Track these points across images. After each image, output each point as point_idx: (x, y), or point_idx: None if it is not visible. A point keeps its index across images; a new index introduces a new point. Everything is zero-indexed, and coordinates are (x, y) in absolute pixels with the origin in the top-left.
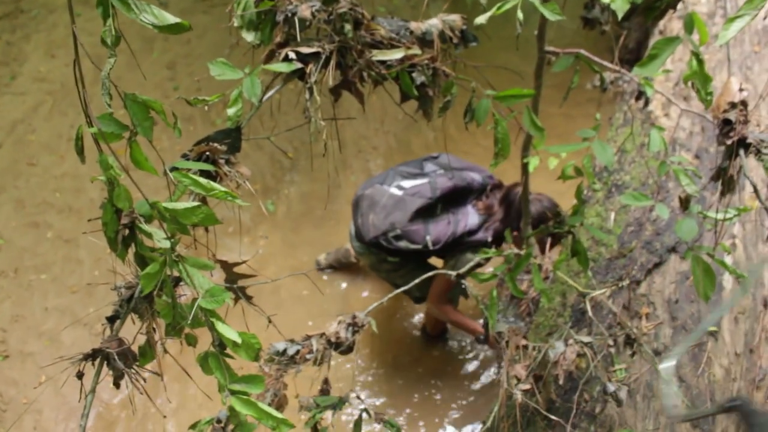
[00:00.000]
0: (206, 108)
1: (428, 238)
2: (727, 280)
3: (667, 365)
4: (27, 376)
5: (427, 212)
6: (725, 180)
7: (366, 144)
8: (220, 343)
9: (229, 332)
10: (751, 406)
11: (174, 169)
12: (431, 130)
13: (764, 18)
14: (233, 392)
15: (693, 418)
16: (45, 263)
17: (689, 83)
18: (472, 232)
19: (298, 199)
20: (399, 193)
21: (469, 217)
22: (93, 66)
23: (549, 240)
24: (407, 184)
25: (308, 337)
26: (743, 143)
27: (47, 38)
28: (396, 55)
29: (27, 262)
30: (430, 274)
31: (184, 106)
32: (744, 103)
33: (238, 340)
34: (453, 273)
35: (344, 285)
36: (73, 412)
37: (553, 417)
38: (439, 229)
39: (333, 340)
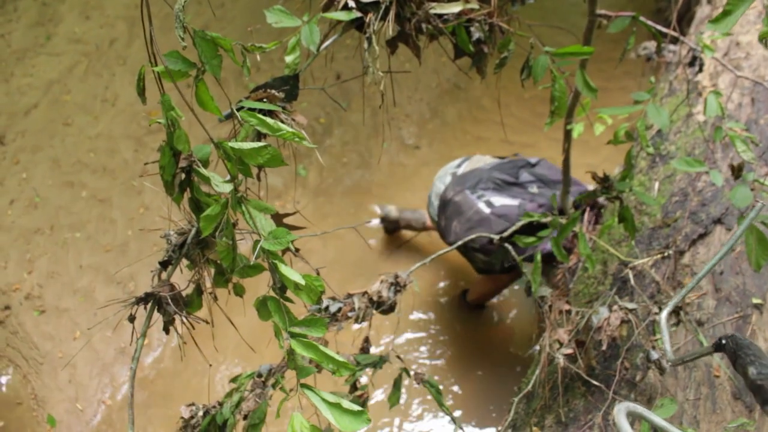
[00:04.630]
0: (258, 57)
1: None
2: None
3: (664, 314)
4: (62, 331)
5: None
6: None
7: (399, 112)
8: (281, 287)
9: (293, 274)
10: (740, 342)
11: (239, 109)
12: (464, 101)
13: None
14: (293, 335)
15: (686, 360)
16: (80, 221)
17: (740, 52)
18: (550, 256)
19: (329, 164)
20: (486, 211)
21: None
22: (127, 28)
23: (588, 211)
24: (497, 200)
25: (350, 296)
26: None
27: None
28: (454, 8)
29: (62, 220)
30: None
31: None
32: None
33: (302, 282)
34: (496, 236)
35: (381, 252)
36: (106, 368)
37: (594, 382)
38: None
39: (375, 299)
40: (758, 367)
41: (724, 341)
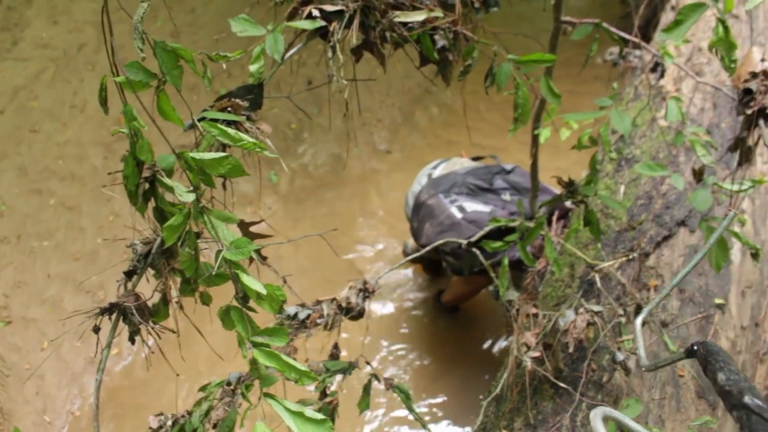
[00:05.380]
0: (224, 66)
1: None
2: (735, 254)
3: (639, 319)
4: (29, 342)
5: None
6: (743, 150)
7: (370, 116)
8: (243, 296)
9: (254, 283)
10: (710, 348)
11: (201, 120)
12: (436, 105)
13: None
14: (255, 344)
15: (659, 366)
16: (48, 230)
17: (702, 57)
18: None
19: (300, 170)
20: (458, 216)
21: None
22: (96, 33)
23: (556, 215)
24: (469, 206)
25: (319, 302)
26: (763, 113)
27: (49, 4)
28: (418, 17)
29: (30, 228)
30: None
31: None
32: (765, 73)
33: (263, 292)
34: (464, 242)
35: (351, 256)
36: (75, 378)
37: (561, 384)
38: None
39: (344, 305)
40: (727, 373)
41: (695, 347)
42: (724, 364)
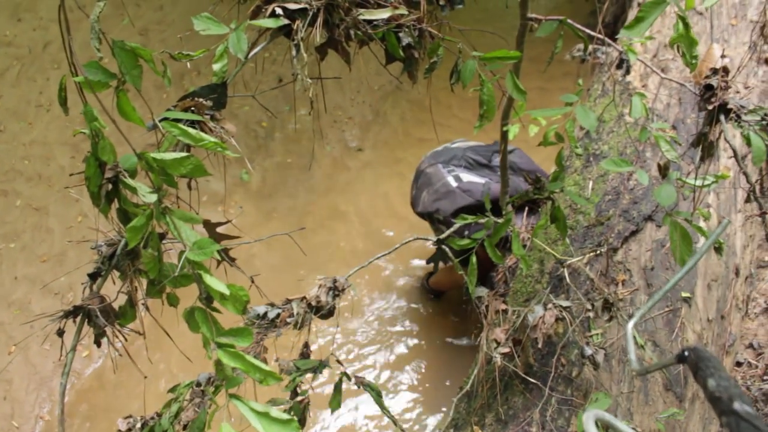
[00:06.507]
0: (188, 65)
1: (466, 233)
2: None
3: (630, 324)
4: None
5: (470, 212)
6: (705, 146)
7: (342, 114)
8: (207, 297)
9: (217, 284)
10: (701, 354)
11: (162, 120)
12: (407, 102)
13: None
14: (220, 345)
15: (651, 370)
16: (14, 231)
17: (668, 54)
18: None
19: (272, 168)
20: (453, 184)
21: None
22: (59, 31)
23: (525, 209)
24: (465, 177)
25: (288, 301)
26: (724, 109)
27: (12, 1)
28: (383, 14)
29: None
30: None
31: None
32: (726, 70)
33: (226, 292)
34: (433, 239)
35: (323, 253)
36: (44, 382)
37: (531, 380)
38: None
39: (313, 303)
40: (717, 379)
41: (686, 353)
42: (715, 370)
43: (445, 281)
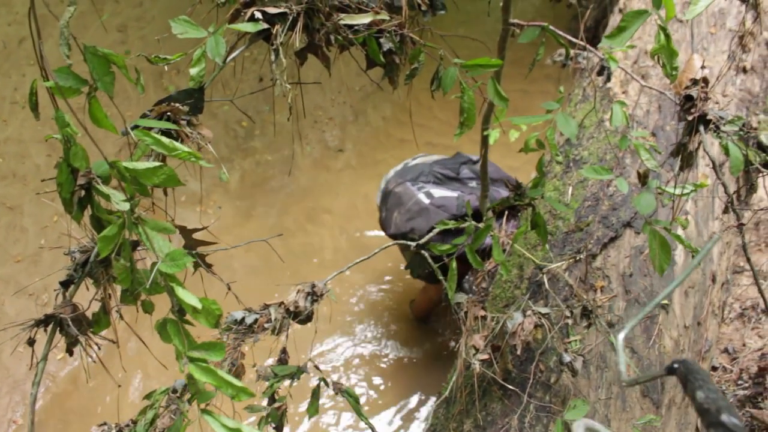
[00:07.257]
0: (165, 68)
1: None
2: (679, 255)
3: (622, 335)
4: None
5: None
6: (684, 155)
7: (322, 115)
8: (179, 309)
9: (189, 297)
10: (690, 366)
11: (135, 127)
12: (388, 103)
13: None
14: (192, 359)
15: (640, 382)
16: None
17: (648, 61)
18: (488, 250)
19: (252, 168)
20: (426, 201)
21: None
22: (41, 24)
23: (506, 214)
24: (437, 192)
25: (266, 306)
26: (703, 119)
27: None
28: (364, 19)
29: None
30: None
31: (145, 65)
32: (705, 80)
33: (198, 306)
34: (413, 244)
35: (302, 256)
36: (18, 385)
37: (509, 386)
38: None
39: (292, 309)
40: (706, 391)
41: (676, 365)
42: (703, 382)
43: (422, 301)
